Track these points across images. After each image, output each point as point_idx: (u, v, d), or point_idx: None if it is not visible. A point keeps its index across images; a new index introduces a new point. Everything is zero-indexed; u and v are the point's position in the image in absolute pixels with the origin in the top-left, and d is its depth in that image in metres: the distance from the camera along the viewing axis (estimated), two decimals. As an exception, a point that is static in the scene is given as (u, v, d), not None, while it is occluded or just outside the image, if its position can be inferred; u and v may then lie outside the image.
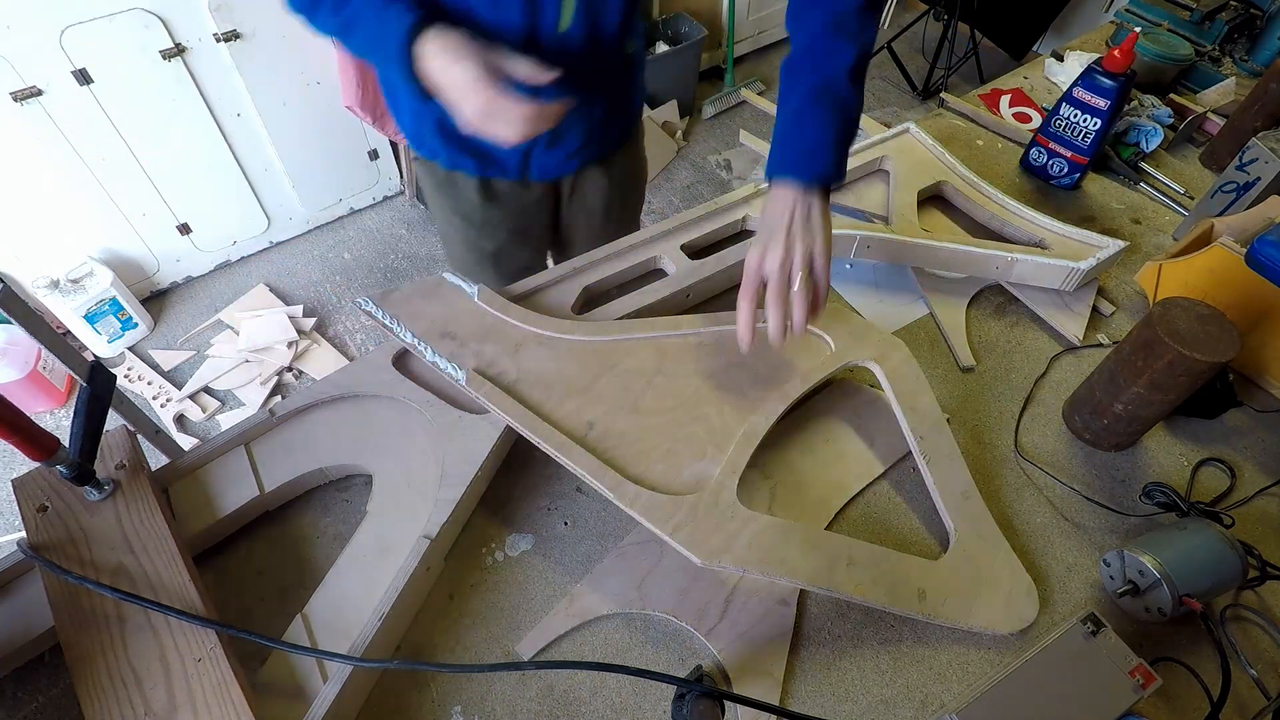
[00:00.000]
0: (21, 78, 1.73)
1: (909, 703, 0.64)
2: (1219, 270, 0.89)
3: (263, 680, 0.59)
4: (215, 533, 0.69)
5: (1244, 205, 1.02)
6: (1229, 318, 0.73)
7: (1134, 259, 1.05)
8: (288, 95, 2.13)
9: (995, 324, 0.96)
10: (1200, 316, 0.73)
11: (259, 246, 2.42)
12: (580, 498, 0.76)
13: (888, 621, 0.68)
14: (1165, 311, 0.74)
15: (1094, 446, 0.83)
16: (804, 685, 0.64)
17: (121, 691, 0.54)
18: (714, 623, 0.66)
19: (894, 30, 3.21)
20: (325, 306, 2.30)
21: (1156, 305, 0.75)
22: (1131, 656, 0.60)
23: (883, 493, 0.78)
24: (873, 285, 0.99)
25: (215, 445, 0.72)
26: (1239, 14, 1.49)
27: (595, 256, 0.92)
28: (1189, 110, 1.30)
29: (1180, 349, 0.70)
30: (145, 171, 2.03)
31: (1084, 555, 0.74)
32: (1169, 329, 0.72)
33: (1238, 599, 0.72)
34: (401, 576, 0.62)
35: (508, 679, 0.63)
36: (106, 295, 2.01)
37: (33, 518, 0.63)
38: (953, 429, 0.84)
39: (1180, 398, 0.75)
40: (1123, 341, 0.78)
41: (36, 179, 1.88)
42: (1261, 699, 0.65)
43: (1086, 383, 0.84)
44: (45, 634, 0.60)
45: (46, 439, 0.59)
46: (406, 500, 0.70)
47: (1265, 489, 0.80)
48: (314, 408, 0.77)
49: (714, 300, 0.95)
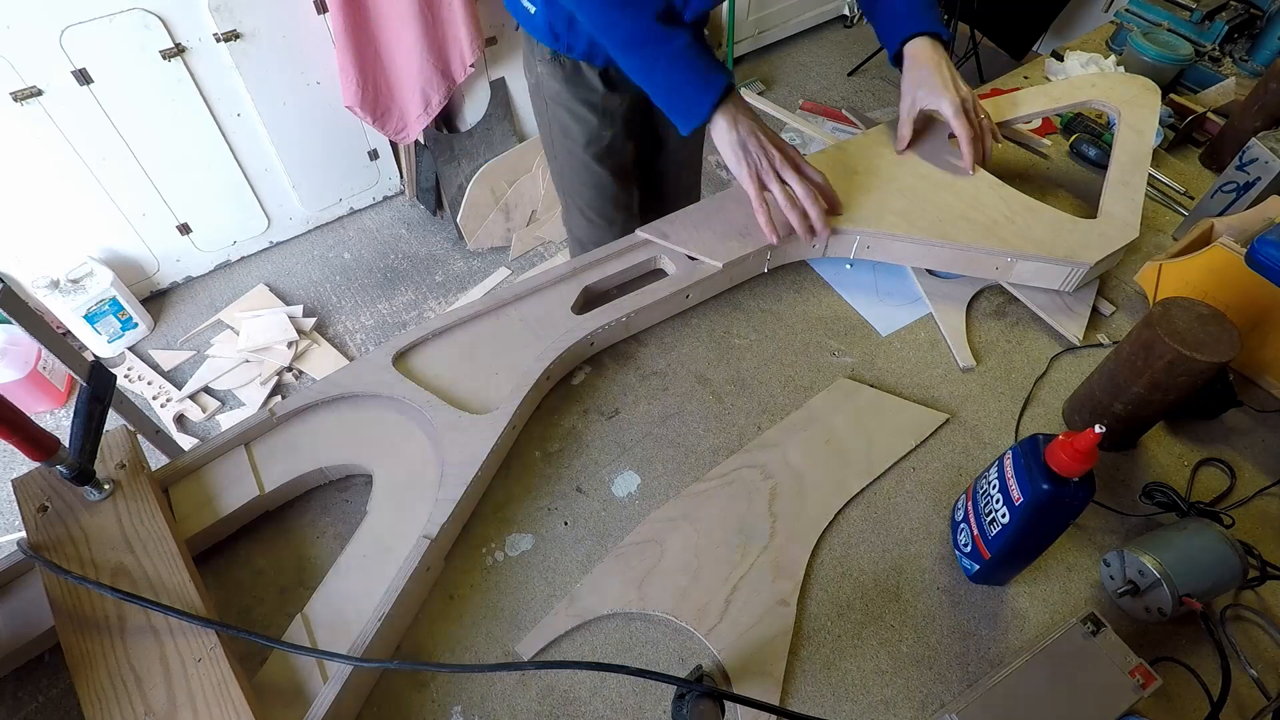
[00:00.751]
0: (21, 78, 1.73)
1: (909, 703, 0.64)
2: (1219, 270, 0.89)
3: (263, 681, 0.59)
4: (215, 533, 0.69)
5: (1244, 205, 1.02)
6: (1228, 317, 0.73)
7: (1134, 259, 1.05)
8: (288, 95, 2.13)
9: (995, 324, 0.96)
10: (1200, 316, 0.73)
11: (259, 246, 2.42)
12: (580, 498, 0.76)
13: (887, 621, 0.69)
14: (1165, 312, 0.74)
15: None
16: (804, 685, 0.64)
17: (122, 691, 0.54)
18: (714, 623, 0.66)
19: (894, 30, 3.21)
20: (325, 306, 2.30)
21: (1157, 305, 0.75)
22: (1131, 656, 0.60)
23: (883, 492, 0.78)
24: (873, 285, 0.99)
25: (215, 445, 0.72)
26: (1239, 14, 1.48)
27: (595, 256, 0.92)
28: (1189, 110, 1.29)
29: (1181, 349, 0.70)
30: (145, 171, 2.03)
31: (1084, 555, 0.74)
32: (1169, 329, 0.72)
33: (1238, 599, 0.72)
34: (401, 577, 0.62)
35: (508, 679, 0.63)
36: (106, 295, 2.01)
37: (33, 518, 0.63)
38: (953, 429, 0.84)
39: (1180, 398, 0.75)
40: (1122, 342, 0.78)
41: (36, 179, 1.88)
42: (1261, 699, 0.65)
43: (1086, 383, 0.84)
44: (45, 634, 0.60)
45: (46, 439, 0.59)
46: (406, 500, 0.70)
47: (1265, 489, 0.80)
48: (314, 408, 0.77)
49: (714, 300, 0.95)
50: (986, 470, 0.69)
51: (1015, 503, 0.62)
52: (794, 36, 3.43)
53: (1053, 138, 1.26)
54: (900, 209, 0.98)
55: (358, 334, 2.23)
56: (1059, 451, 0.58)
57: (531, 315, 0.86)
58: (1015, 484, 0.62)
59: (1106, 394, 0.79)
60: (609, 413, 0.83)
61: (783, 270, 1.00)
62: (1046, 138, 1.24)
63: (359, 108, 2.13)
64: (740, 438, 0.81)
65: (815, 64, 3.36)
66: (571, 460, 0.79)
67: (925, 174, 1.04)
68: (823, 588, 0.70)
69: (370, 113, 2.16)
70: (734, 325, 0.93)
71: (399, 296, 2.34)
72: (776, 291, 0.98)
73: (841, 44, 3.49)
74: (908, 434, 0.82)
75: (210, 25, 1.90)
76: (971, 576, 0.71)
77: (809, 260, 1.02)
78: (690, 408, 0.84)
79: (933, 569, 0.72)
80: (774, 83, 3.25)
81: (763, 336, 0.92)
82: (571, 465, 0.78)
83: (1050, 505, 0.60)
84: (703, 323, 0.93)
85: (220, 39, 1.92)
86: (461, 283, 2.40)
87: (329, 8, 1.98)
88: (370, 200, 2.59)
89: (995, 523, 0.65)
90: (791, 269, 1.01)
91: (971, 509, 0.70)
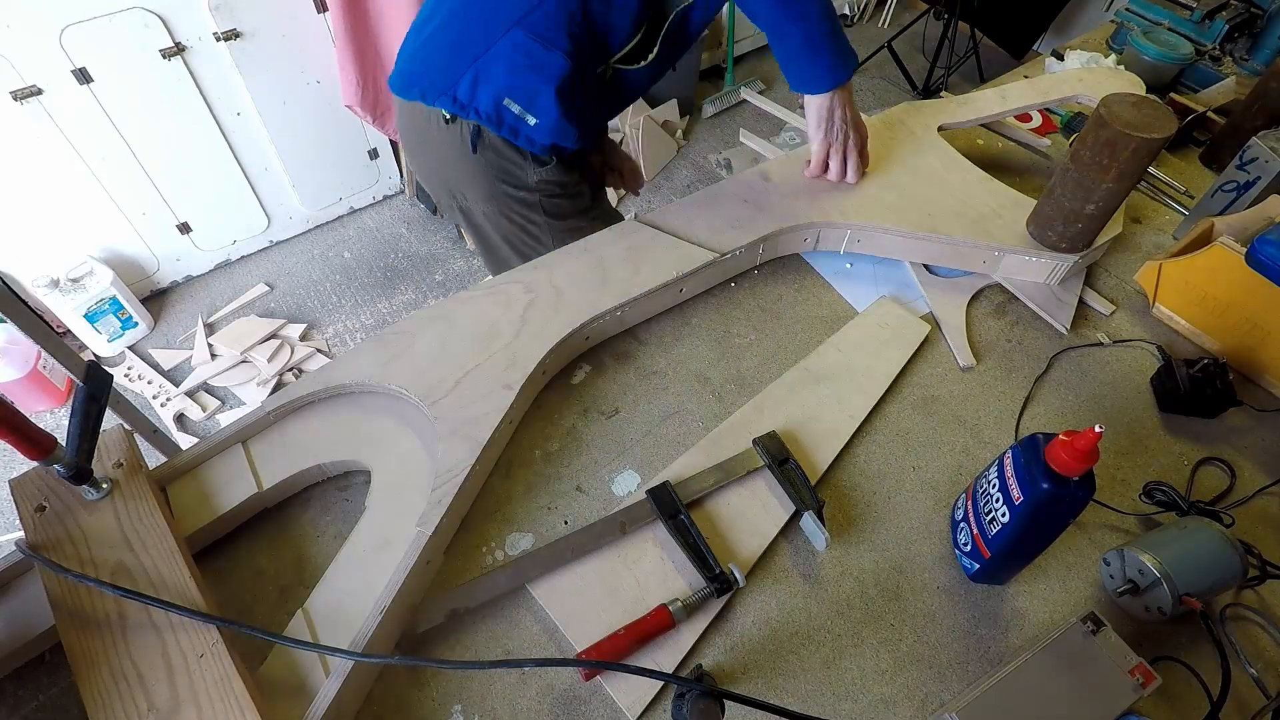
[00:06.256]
0: (21, 77, 1.72)
1: (909, 702, 0.64)
2: (1219, 270, 0.89)
3: (264, 676, 0.59)
4: (214, 530, 0.69)
5: (1244, 204, 1.02)
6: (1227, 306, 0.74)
7: (1134, 258, 1.05)
8: (287, 94, 2.13)
9: (995, 323, 0.96)
10: (1136, 104, 0.82)
11: (259, 246, 2.42)
12: (580, 497, 0.76)
13: (888, 621, 0.69)
14: (1110, 110, 0.82)
15: (1070, 252, 0.93)
16: (804, 685, 0.64)
17: (124, 689, 0.54)
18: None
19: (894, 29, 3.21)
20: (325, 306, 2.30)
21: (1101, 106, 0.82)
22: (1131, 655, 0.60)
23: (884, 491, 0.78)
24: (873, 284, 0.99)
25: (213, 443, 0.72)
26: (1239, 13, 1.48)
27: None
28: (1189, 109, 1.29)
29: (1142, 135, 0.79)
30: (145, 170, 2.02)
31: (1084, 554, 0.74)
32: (1124, 123, 0.80)
33: (1238, 598, 0.72)
34: (401, 571, 0.62)
35: (508, 678, 0.63)
36: (106, 294, 2.01)
37: (30, 518, 0.62)
38: (953, 428, 0.84)
39: (1136, 182, 0.88)
40: (1077, 149, 0.86)
41: (36, 178, 1.88)
42: (1261, 698, 0.65)
43: (1048, 200, 0.92)
44: (45, 633, 0.60)
45: (43, 438, 0.58)
46: (405, 494, 0.70)
47: (1265, 488, 0.80)
48: (311, 405, 0.77)
49: (708, 294, 0.95)
50: (986, 469, 0.69)
51: (1015, 502, 0.62)
52: (794, 36, 3.43)
53: (1053, 137, 1.26)
54: (891, 203, 0.98)
55: (358, 333, 2.23)
56: (1059, 451, 0.58)
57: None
58: (1015, 483, 0.62)
59: (1076, 200, 0.88)
60: (609, 412, 0.83)
61: (782, 269, 1.00)
62: (1047, 137, 1.24)
63: (358, 107, 2.13)
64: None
65: (815, 63, 3.36)
66: (571, 459, 0.79)
67: (916, 169, 1.05)
68: (823, 587, 0.70)
69: (370, 112, 2.16)
70: (734, 324, 0.93)
71: (399, 296, 2.34)
72: (776, 290, 0.98)
73: (842, 43, 3.49)
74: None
75: (210, 24, 1.90)
76: (971, 576, 0.71)
77: (809, 259, 1.02)
78: (690, 407, 0.84)
79: (933, 568, 0.72)
80: (775, 82, 3.25)
81: (763, 335, 0.92)
82: (571, 464, 0.78)
83: (1050, 504, 0.60)
84: (702, 321, 0.93)
85: (220, 38, 1.92)
86: (461, 281, 2.40)
87: (329, 7, 1.97)
88: (370, 199, 2.59)
89: (995, 522, 0.65)
90: (791, 268, 1.01)
91: (971, 508, 0.70)
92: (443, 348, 0.79)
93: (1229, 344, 0.92)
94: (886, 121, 1.13)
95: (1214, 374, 0.82)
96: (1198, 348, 0.94)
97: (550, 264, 0.89)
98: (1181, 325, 0.96)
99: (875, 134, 1.10)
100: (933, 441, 0.82)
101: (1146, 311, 0.98)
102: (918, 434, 0.83)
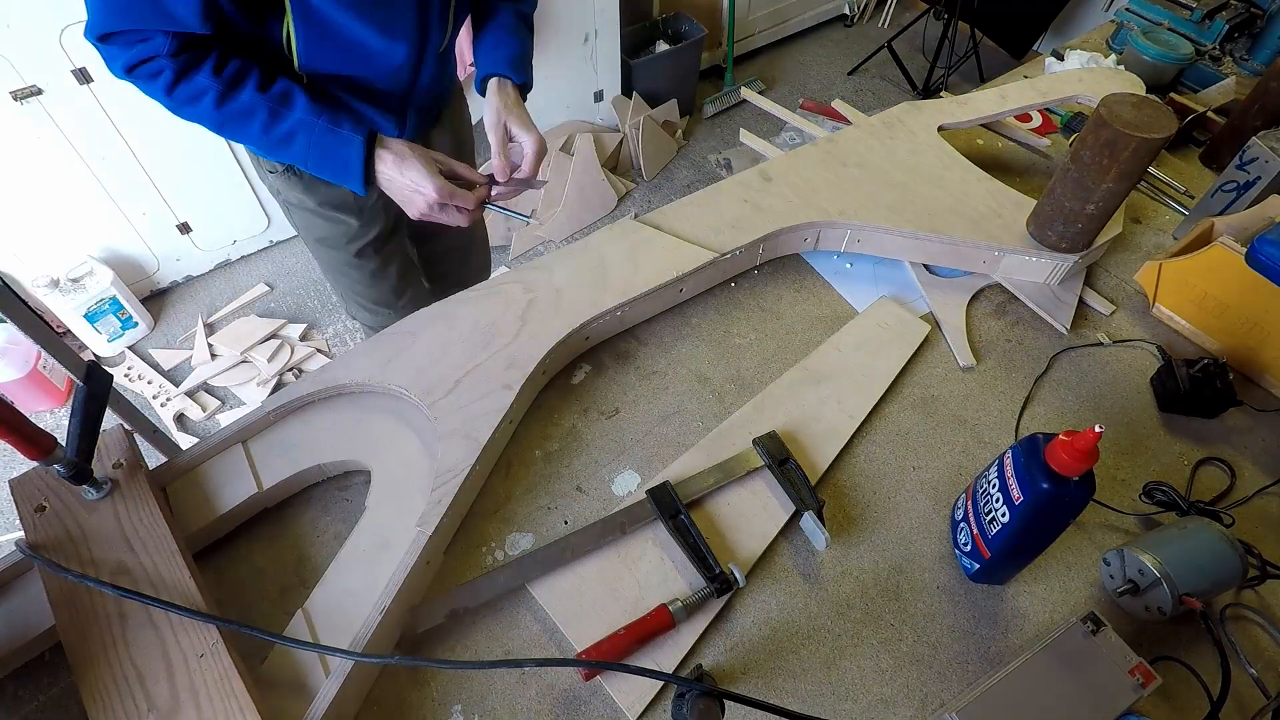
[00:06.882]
0: (21, 77, 1.72)
1: (909, 702, 0.64)
2: (1219, 269, 0.89)
3: (264, 676, 0.59)
4: (214, 530, 0.69)
5: (1244, 204, 1.02)
6: (1227, 306, 0.74)
7: (1134, 258, 1.05)
8: (287, 94, 2.13)
9: (995, 323, 0.96)
10: (1135, 104, 0.82)
11: (259, 246, 2.42)
12: (580, 497, 0.76)
13: (887, 621, 0.68)
14: (1110, 110, 0.81)
15: (1070, 252, 0.93)
16: (804, 685, 0.64)
17: (124, 688, 0.54)
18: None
19: (894, 29, 3.21)
20: (325, 306, 2.30)
21: (1101, 107, 0.82)
22: (1131, 655, 0.60)
23: (884, 490, 0.78)
24: (873, 284, 0.99)
25: (213, 443, 0.72)
26: (1239, 13, 1.48)
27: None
28: (1189, 109, 1.29)
29: (1142, 135, 0.79)
30: (145, 171, 2.02)
31: (1084, 554, 0.74)
32: (1125, 123, 0.80)
33: (1238, 598, 0.72)
34: (401, 571, 0.62)
35: (508, 678, 0.63)
36: (106, 294, 2.01)
37: (30, 518, 0.62)
38: (953, 428, 0.84)
39: (1136, 182, 0.87)
40: (1076, 150, 0.86)
41: (36, 178, 1.88)
42: (1261, 698, 0.65)
43: (1048, 200, 0.92)
44: (45, 633, 0.60)
45: (43, 438, 0.58)
46: (405, 494, 0.70)
47: (1265, 488, 0.80)
48: (311, 405, 0.77)
49: (708, 294, 0.95)
50: (986, 469, 0.69)
51: (1015, 502, 0.62)
52: (794, 36, 3.43)
53: (1053, 137, 1.26)
54: (890, 202, 0.98)
55: (358, 334, 2.23)
56: (1059, 451, 0.58)
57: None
58: (1015, 483, 0.62)
59: (1077, 200, 0.88)
60: (609, 412, 0.83)
61: (783, 269, 1.00)
62: (1047, 137, 1.24)
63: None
64: (740, 437, 0.81)
65: (815, 63, 3.36)
66: (571, 459, 0.79)
67: (916, 169, 1.05)
68: (823, 587, 0.70)
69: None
70: (734, 324, 0.93)
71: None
72: (777, 290, 0.98)
73: (842, 43, 3.49)
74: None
75: (210, 24, 1.89)
76: (971, 576, 0.71)
77: (809, 259, 1.02)
78: (690, 407, 0.84)
79: (933, 568, 0.72)
80: (774, 82, 3.25)
81: (763, 335, 0.92)
82: (571, 465, 0.78)
83: (1050, 504, 0.60)
84: (702, 322, 0.93)
85: (220, 38, 1.92)
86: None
87: (329, 7, 1.97)
88: (370, 199, 2.58)
89: (995, 522, 0.65)
90: (791, 268, 1.01)
91: (971, 508, 0.70)
92: (443, 348, 0.79)
93: (1229, 344, 0.92)
94: (886, 121, 1.13)
95: (1214, 374, 0.82)
96: (1198, 348, 0.94)
97: (550, 264, 0.89)
98: (1181, 325, 0.96)
99: (875, 134, 1.10)
100: (933, 441, 0.82)
101: (1146, 311, 0.98)
102: (918, 434, 0.83)
